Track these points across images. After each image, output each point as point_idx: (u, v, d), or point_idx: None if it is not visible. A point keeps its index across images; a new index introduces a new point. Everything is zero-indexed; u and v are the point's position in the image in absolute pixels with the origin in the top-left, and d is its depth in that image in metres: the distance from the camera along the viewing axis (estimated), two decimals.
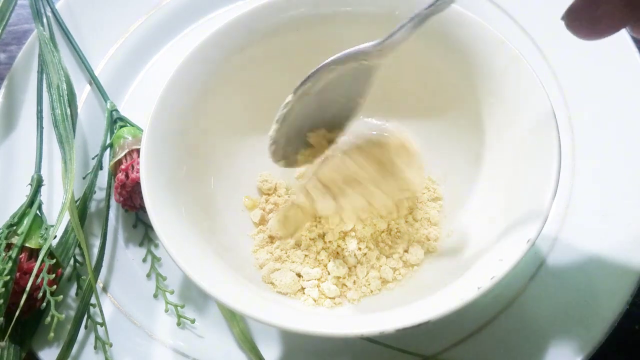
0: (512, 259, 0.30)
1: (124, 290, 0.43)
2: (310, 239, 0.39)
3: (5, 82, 0.51)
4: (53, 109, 0.47)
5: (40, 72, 0.51)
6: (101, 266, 0.43)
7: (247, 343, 0.40)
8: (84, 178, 0.46)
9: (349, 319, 0.34)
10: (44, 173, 0.46)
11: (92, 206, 0.46)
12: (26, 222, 0.42)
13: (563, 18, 0.27)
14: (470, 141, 0.40)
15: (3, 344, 0.39)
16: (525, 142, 0.35)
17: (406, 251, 0.39)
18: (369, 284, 0.38)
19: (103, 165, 0.47)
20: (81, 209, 0.44)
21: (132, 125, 0.47)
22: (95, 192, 0.46)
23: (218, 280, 0.33)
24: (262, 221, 0.42)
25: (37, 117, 0.49)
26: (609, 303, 0.37)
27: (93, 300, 0.41)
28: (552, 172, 0.32)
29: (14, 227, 0.42)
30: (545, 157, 0.32)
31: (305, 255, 0.39)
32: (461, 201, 0.40)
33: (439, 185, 0.41)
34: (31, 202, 0.44)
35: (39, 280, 0.39)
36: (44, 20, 0.53)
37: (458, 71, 0.39)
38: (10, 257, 0.40)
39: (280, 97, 0.45)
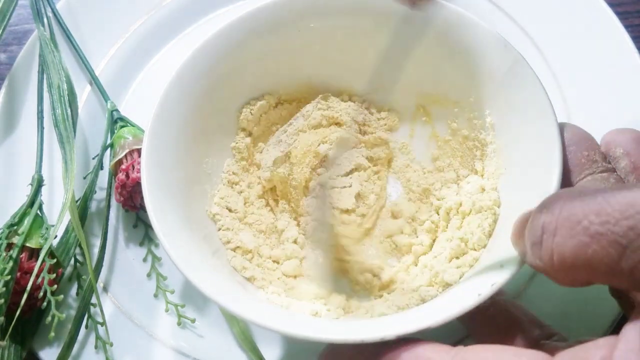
0: (513, 265, 0.29)
1: (124, 290, 0.43)
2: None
3: (5, 82, 0.51)
4: (53, 109, 0.47)
5: (41, 72, 0.51)
6: (102, 266, 0.43)
7: (248, 343, 0.40)
8: (84, 178, 0.46)
9: (350, 325, 0.34)
10: (44, 173, 0.46)
11: (93, 206, 0.46)
12: (27, 222, 0.42)
13: None
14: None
15: (4, 343, 0.39)
16: (526, 143, 0.35)
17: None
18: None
19: (103, 165, 0.47)
20: (82, 209, 0.44)
21: (133, 125, 0.47)
22: (95, 192, 0.46)
23: (218, 283, 0.33)
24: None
25: (38, 117, 0.49)
26: (609, 303, 0.37)
27: (93, 300, 0.41)
28: (553, 175, 0.31)
29: (15, 227, 0.42)
30: (546, 159, 0.32)
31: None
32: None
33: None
34: (32, 202, 0.44)
35: (40, 279, 0.39)
36: (45, 20, 0.52)
37: (460, 74, 0.39)
38: (10, 257, 0.40)
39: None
